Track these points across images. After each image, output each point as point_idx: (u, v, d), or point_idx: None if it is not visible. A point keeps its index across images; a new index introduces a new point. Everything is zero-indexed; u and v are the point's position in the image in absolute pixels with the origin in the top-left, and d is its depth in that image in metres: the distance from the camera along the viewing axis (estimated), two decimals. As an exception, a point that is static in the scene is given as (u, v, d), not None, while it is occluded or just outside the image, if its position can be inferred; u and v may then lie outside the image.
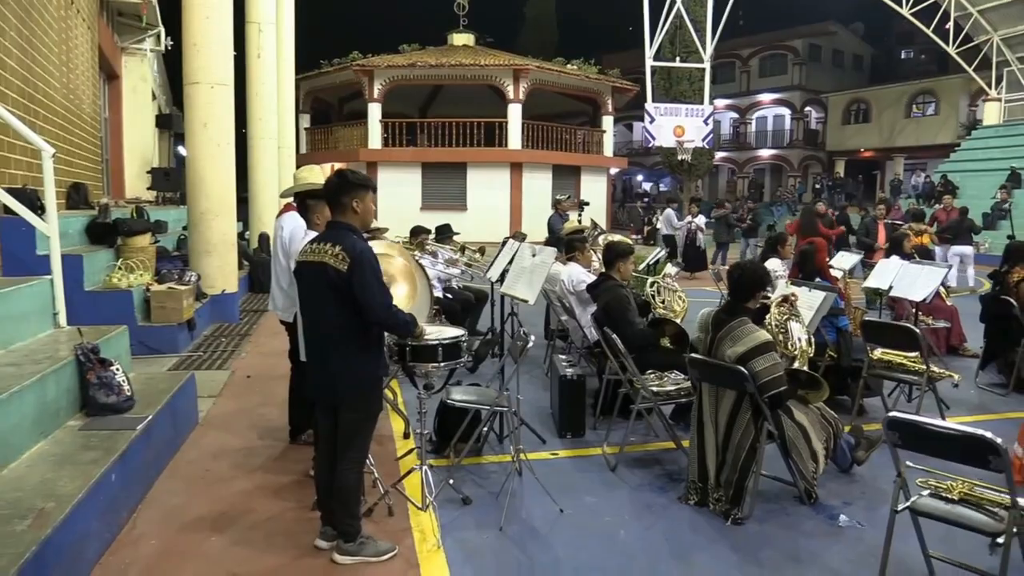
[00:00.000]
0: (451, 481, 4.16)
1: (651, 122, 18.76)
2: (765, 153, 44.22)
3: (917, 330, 5.53)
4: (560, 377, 5.42)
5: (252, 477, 4.58)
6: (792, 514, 4.17)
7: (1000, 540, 2.91)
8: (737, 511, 4.02)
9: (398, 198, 23.33)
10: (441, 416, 4.99)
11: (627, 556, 3.69)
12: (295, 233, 4.67)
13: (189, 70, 9.33)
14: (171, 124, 18.23)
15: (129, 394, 4.52)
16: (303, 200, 4.57)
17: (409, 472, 4.15)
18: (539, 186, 24.11)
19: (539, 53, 30.42)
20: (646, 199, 42.54)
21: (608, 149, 28.09)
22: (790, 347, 4.37)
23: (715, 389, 4.13)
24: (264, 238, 13.93)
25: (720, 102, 40.89)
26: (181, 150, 30.48)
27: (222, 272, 9.60)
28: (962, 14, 28.36)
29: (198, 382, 5.88)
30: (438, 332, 3.92)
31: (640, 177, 49.28)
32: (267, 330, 9.11)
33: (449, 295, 8.15)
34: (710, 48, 19.72)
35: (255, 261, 12.94)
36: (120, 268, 7.80)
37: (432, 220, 10.44)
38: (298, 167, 23.09)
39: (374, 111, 24.58)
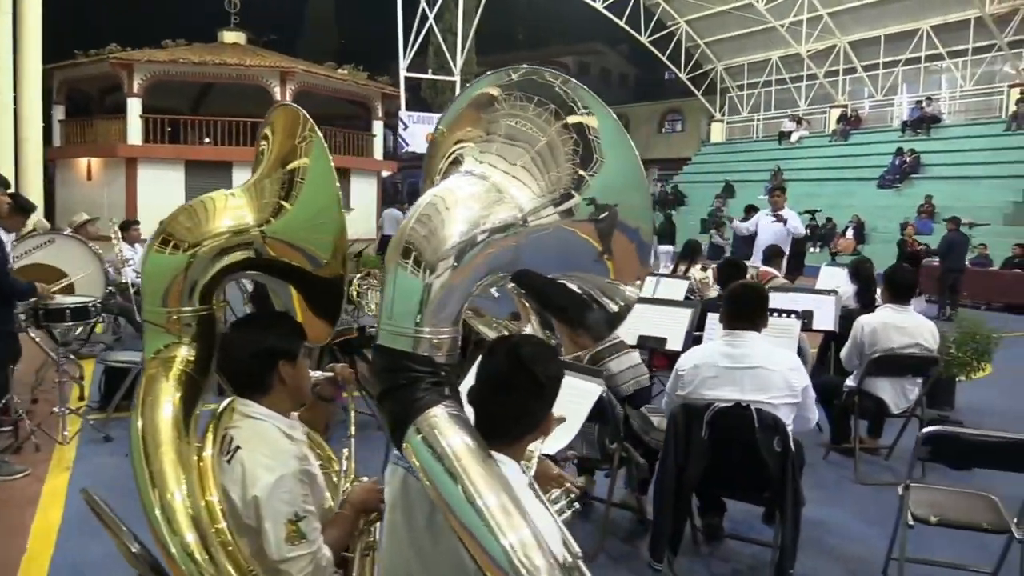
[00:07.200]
0: (91, 421, 5.15)
1: (405, 129, 20.22)
2: (540, 160, 47.33)
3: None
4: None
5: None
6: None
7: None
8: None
9: (160, 196, 22.92)
10: (107, 376, 5.90)
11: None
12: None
13: None
14: None
15: None
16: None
17: (50, 414, 5.09)
18: (308, 186, 24.62)
19: (321, 57, 30.80)
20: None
21: (378, 152, 29.09)
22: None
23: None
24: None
25: (498, 111, 43.46)
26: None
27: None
28: (693, 44, 32.58)
29: None
30: (72, 299, 4.91)
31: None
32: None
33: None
34: (460, 61, 21.53)
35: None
36: None
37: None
38: (51, 160, 22.16)
39: (134, 106, 24.06)
